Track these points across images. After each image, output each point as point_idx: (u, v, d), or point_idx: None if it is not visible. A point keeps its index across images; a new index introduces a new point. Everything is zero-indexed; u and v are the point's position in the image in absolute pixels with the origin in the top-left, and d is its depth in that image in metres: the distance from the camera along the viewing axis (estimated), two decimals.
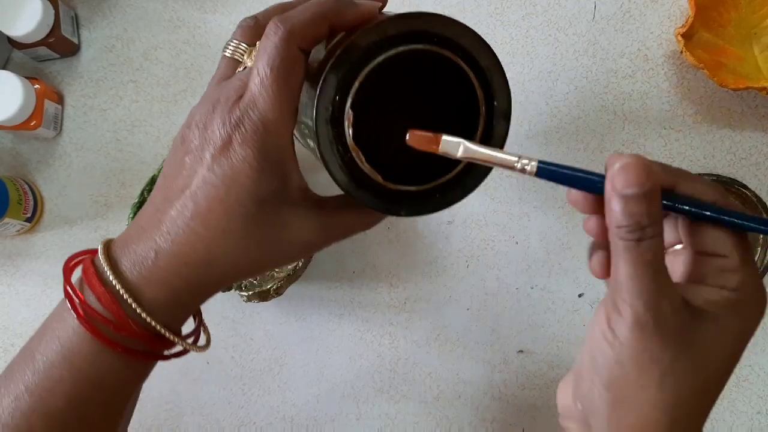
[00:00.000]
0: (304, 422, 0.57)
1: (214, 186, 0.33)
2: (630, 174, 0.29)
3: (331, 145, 0.37)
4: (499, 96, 0.38)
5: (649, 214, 0.29)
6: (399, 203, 0.38)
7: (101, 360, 0.34)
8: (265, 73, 0.33)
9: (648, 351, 0.30)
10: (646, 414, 0.31)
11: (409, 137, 0.35)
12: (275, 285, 0.54)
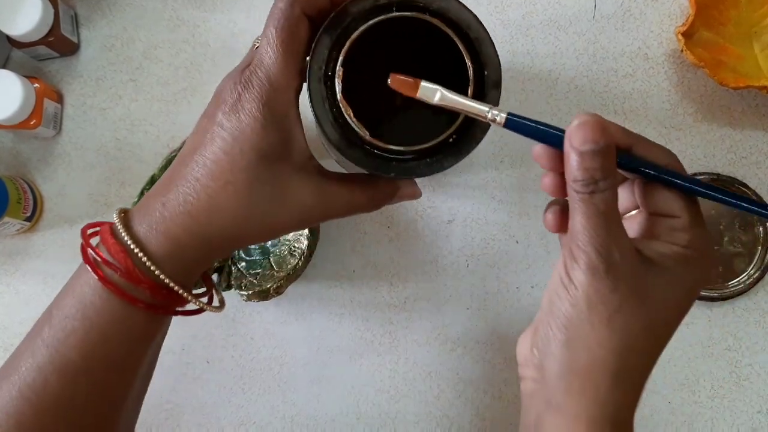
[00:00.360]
0: (304, 421, 0.57)
1: (222, 139, 0.35)
2: (586, 131, 0.31)
3: (323, 102, 0.39)
4: (490, 66, 0.40)
5: (603, 169, 0.32)
6: (389, 164, 0.39)
7: (111, 310, 0.36)
8: (271, 34, 0.35)
9: (599, 293, 0.32)
10: (596, 353, 0.33)
11: (391, 80, 0.38)
12: (275, 284, 0.54)
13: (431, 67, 0.44)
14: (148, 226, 0.36)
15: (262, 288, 0.54)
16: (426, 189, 0.59)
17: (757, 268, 0.55)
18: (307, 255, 0.55)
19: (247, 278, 0.56)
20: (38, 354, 0.36)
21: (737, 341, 0.56)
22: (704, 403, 0.56)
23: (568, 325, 0.33)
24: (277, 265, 0.56)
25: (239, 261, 0.57)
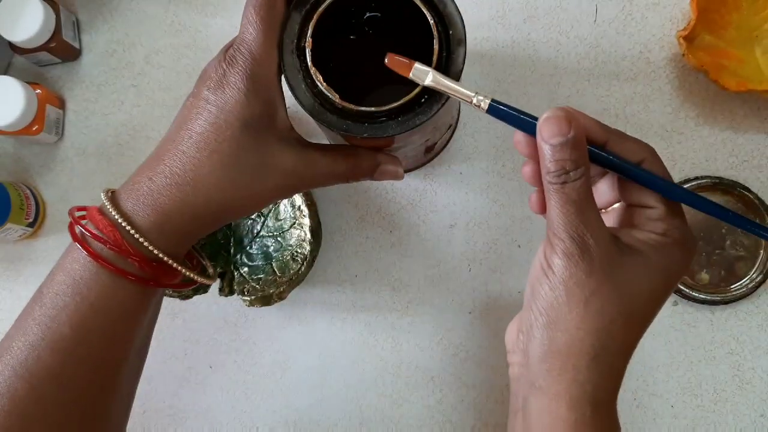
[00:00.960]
0: (306, 426, 0.57)
1: (208, 111, 0.37)
2: (554, 124, 0.33)
3: (297, 73, 0.42)
4: (454, 25, 0.43)
5: (572, 160, 0.33)
6: (361, 125, 0.43)
7: (102, 284, 0.37)
8: (250, 13, 0.39)
9: (574, 277, 0.34)
10: (573, 334, 0.34)
11: (388, 60, 0.41)
12: (278, 290, 0.54)
13: (399, 31, 0.49)
14: (135, 201, 0.37)
15: (265, 293, 0.54)
16: (427, 193, 0.59)
17: (759, 272, 0.55)
18: (309, 260, 0.55)
19: (250, 283, 0.56)
20: (30, 333, 0.37)
21: (740, 345, 0.56)
22: (707, 407, 0.56)
23: (549, 309, 0.34)
24: (279, 271, 0.56)
25: (241, 266, 0.57)
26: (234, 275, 0.57)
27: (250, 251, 0.57)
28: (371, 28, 0.52)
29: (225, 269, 0.56)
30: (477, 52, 0.59)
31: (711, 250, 0.56)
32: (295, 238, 0.56)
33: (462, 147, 0.59)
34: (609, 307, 0.34)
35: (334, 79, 0.43)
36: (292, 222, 0.56)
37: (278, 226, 0.57)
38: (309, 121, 0.46)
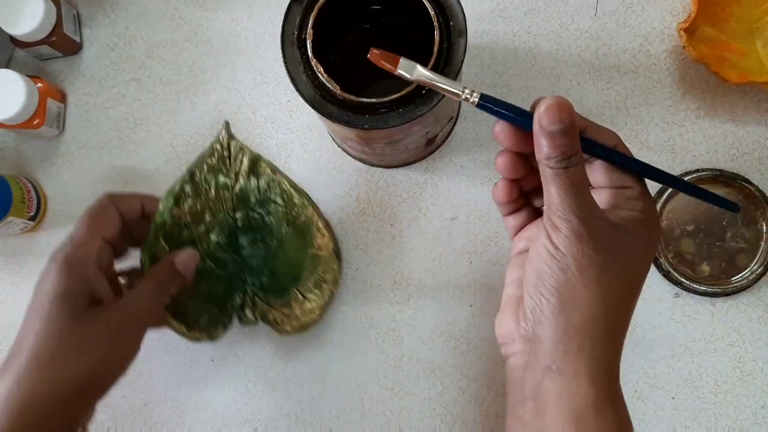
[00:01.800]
0: (308, 419, 0.57)
1: (31, 301, 0.44)
2: (555, 113, 0.35)
3: (297, 64, 0.44)
4: (454, 16, 0.44)
5: (572, 146, 0.35)
6: (362, 116, 0.44)
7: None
8: (83, 214, 0.47)
9: (586, 256, 0.35)
10: (588, 312, 0.35)
11: (371, 55, 0.40)
12: (312, 315, 0.54)
13: (400, 23, 0.49)
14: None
15: (300, 321, 0.54)
16: (428, 185, 0.59)
17: (760, 264, 0.55)
18: (337, 280, 0.55)
19: (279, 310, 0.55)
20: None
21: (740, 337, 0.56)
22: (708, 399, 0.56)
23: (561, 290, 0.35)
24: (308, 294, 0.55)
25: (260, 293, 0.55)
26: (255, 303, 0.55)
27: (270, 278, 0.55)
28: (372, 20, 0.52)
29: (243, 300, 0.55)
30: (478, 45, 0.59)
31: (712, 242, 0.56)
32: (319, 261, 0.54)
33: (463, 140, 0.59)
34: (615, 281, 0.36)
35: (335, 70, 0.43)
36: (311, 245, 0.54)
37: (296, 250, 0.55)
38: (310, 114, 0.46)
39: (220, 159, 0.53)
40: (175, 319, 0.50)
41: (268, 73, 0.61)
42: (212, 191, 0.53)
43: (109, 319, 0.43)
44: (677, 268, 0.56)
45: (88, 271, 0.44)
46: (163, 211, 0.50)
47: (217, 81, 0.61)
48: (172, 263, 0.48)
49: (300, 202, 0.54)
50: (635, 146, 0.58)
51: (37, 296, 0.43)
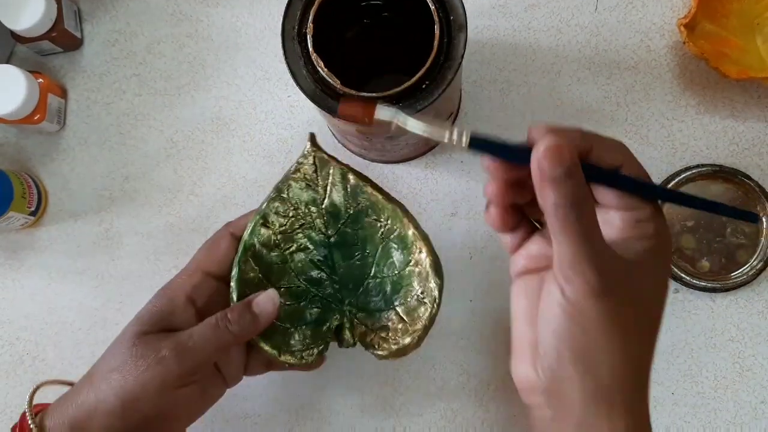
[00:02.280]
0: (308, 414, 0.57)
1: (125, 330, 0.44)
2: (556, 155, 0.31)
3: (298, 59, 0.44)
4: (455, 10, 0.44)
5: (579, 188, 0.32)
6: None
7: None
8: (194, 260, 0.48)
9: (606, 311, 0.32)
10: (616, 367, 0.33)
11: (340, 109, 0.40)
12: (413, 339, 0.47)
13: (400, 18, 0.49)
14: (54, 421, 0.42)
15: (400, 346, 0.47)
16: (428, 181, 0.59)
17: (760, 259, 0.55)
18: (439, 301, 0.48)
19: (377, 334, 0.49)
20: None
21: (740, 332, 0.56)
22: (707, 394, 0.56)
23: (584, 351, 0.33)
24: (407, 317, 0.48)
25: (358, 313, 0.49)
26: (353, 324, 0.49)
27: (367, 298, 0.49)
28: (373, 15, 0.52)
29: (341, 322, 0.49)
30: (478, 40, 0.59)
31: (712, 238, 0.56)
32: (417, 278, 0.48)
33: None
34: (642, 330, 0.34)
35: (335, 65, 0.43)
36: (408, 261, 0.48)
37: (392, 266, 0.49)
38: (311, 110, 0.46)
39: (307, 173, 0.48)
40: (267, 342, 0.46)
41: (268, 69, 0.61)
42: (302, 208, 0.48)
43: (160, 348, 0.42)
44: (677, 263, 0.56)
45: (176, 303, 0.44)
46: (251, 230, 0.47)
47: (217, 77, 0.61)
48: (248, 304, 0.44)
49: (394, 215, 0.48)
50: (635, 142, 0.58)
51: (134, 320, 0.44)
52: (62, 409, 0.42)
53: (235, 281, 0.46)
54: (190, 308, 0.45)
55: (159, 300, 0.44)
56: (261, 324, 0.44)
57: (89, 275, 0.60)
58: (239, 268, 0.46)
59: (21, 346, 0.60)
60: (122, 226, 0.60)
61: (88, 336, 0.59)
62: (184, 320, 0.44)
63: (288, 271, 0.48)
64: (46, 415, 0.43)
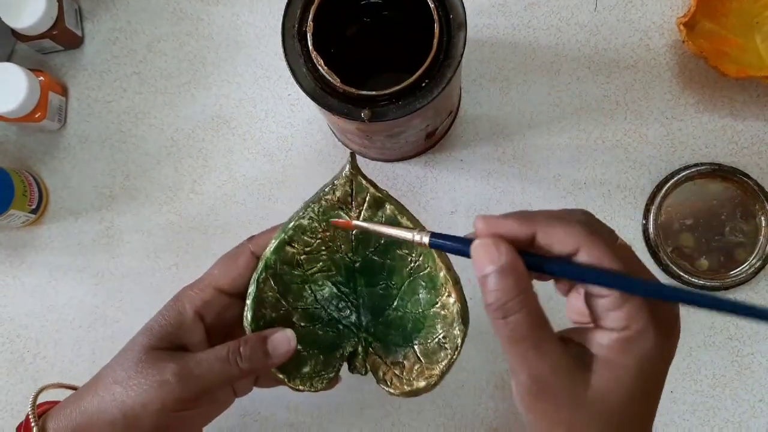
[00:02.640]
0: (308, 410, 0.58)
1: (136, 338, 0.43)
2: (483, 255, 0.31)
3: (298, 57, 0.44)
4: (454, 9, 0.44)
5: (508, 289, 0.30)
6: (361, 109, 0.43)
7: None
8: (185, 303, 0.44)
9: (545, 413, 0.31)
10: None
11: None
12: (429, 382, 0.45)
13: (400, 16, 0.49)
14: (57, 425, 0.42)
15: (413, 388, 0.45)
16: (428, 179, 0.59)
17: (758, 258, 0.56)
18: (460, 349, 0.45)
19: (390, 369, 0.46)
20: None
21: (739, 330, 0.56)
22: (706, 392, 0.56)
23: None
24: (424, 357, 0.45)
25: (373, 344, 0.47)
26: (368, 353, 0.47)
27: (386, 329, 0.47)
28: (373, 14, 0.52)
29: (355, 348, 0.47)
30: (478, 39, 0.59)
31: (711, 236, 0.57)
32: (441, 321, 0.45)
33: (463, 133, 0.59)
34: (600, 426, 0.31)
35: (335, 63, 0.44)
36: (434, 302, 0.45)
37: (417, 304, 0.46)
38: (311, 108, 0.46)
39: (342, 197, 0.45)
40: (276, 367, 0.44)
41: (268, 67, 0.61)
42: (331, 230, 0.45)
43: (164, 370, 0.41)
44: (676, 262, 0.56)
45: (185, 318, 0.43)
46: (275, 248, 0.44)
47: (218, 75, 0.61)
48: (264, 341, 0.42)
49: (428, 252, 0.45)
50: (634, 140, 0.58)
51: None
52: (65, 413, 0.42)
53: (252, 299, 0.43)
54: (199, 324, 0.43)
55: (168, 313, 0.43)
56: (273, 363, 0.42)
57: (90, 273, 0.60)
58: (257, 287, 0.44)
59: (21, 344, 0.60)
60: (123, 224, 0.60)
61: (88, 333, 0.59)
62: (193, 337, 0.43)
63: (307, 291, 0.46)
64: (50, 418, 0.43)
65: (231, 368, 0.41)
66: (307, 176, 0.59)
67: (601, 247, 0.31)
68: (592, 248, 0.31)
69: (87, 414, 0.41)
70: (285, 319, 0.45)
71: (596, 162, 0.58)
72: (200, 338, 0.43)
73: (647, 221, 0.57)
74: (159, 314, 0.44)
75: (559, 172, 0.58)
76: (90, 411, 0.41)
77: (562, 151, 0.58)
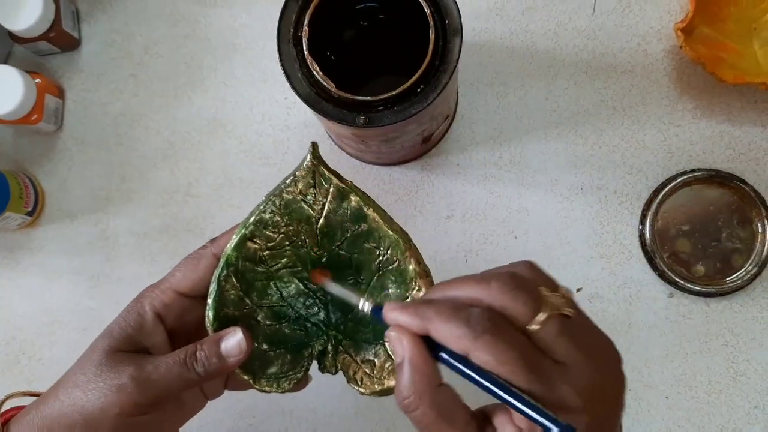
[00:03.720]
0: (303, 415, 0.58)
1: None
2: (392, 347, 0.32)
3: (293, 62, 0.45)
4: (450, 15, 0.44)
5: (405, 387, 0.31)
6: (356, 115, 0.44)
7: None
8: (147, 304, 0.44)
9: None
10: None
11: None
12: None
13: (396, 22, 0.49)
14: (22, 428, 0.41)
15: (384, 387, 0.44)
16: (424, 184, 0.59)
17: (755, 264, 0.55)
18: None
19: (360, 367, 0.45)
20: None
21: (735, 337, 0.56)
22: (701, 398, 0.56)
23: None
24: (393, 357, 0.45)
25: (344, 341, 0.46)
26: (337, 351, 0.46)
27: (355, 326, 0.46)
28: (368, 18, 0.52)
29: (324, 347, 0.46)
30: (475, 43, 0.59)
31: (707, 242, 0.57)
32: None
33: (459, 138, 0.59)
34: None
35: (330, 68, 0.44)
36: (404, 297, 0.43)
37: (386, 299, 0.44)
38: (307, 111, 0.46)
39: (304, 189, 0.43)
40: (242, 368, 0.43)
41: (265, 70, 0.61)
42: (293, 225, 0.44)
43: (122, 373, 0.40)
44: (672, 267, 0.56)
45: (145, 320, 0.42)
46: (235, 244, 0.43)
47: (214, 77, 0.61)
48: (218, 343, 0.41)
49: (396, 245, 0.43)
50: (632, 146, 0.58)
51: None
52: (28, 419, 0.42)
53: (213, 299, 0.42)
54: (160, 327, 0.43)
55: (129, 315, 0.43)
56: (229, 367, 0.41)
57: (85, 275, 0.60)
58: (218, 285, 0.42)
59: (17, 346, 0.60)
60: (118, 227, 0.60)
61: (83, 336, 0.59)
62: (154, 339, 0.43)
63: (272, 288, 0.44)
64: (13, 423, 0.42)
65: (189, 372, 0.40)
66: None
67: (488, 350, 0.30)
68: (479, 352, 0.30)
69: (48, 419, 0.41)
70: (249, 318, 0.44)
71: (593, 167, 0.58)
72: (161, 340, 0.43)
73: (644, 227, 0.57)
74: (119, 316, 0.43)
75: (555, 177, 0.58)
76: (51, 416, 0.41)
77: (558, 156, 0.58)
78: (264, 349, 0.43)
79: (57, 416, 0.41)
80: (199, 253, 0.44)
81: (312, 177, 0.42)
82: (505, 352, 0.30)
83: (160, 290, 0.43)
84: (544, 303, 0.32)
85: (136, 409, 0.40)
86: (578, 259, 0.57)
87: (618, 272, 0.57)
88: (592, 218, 0.58)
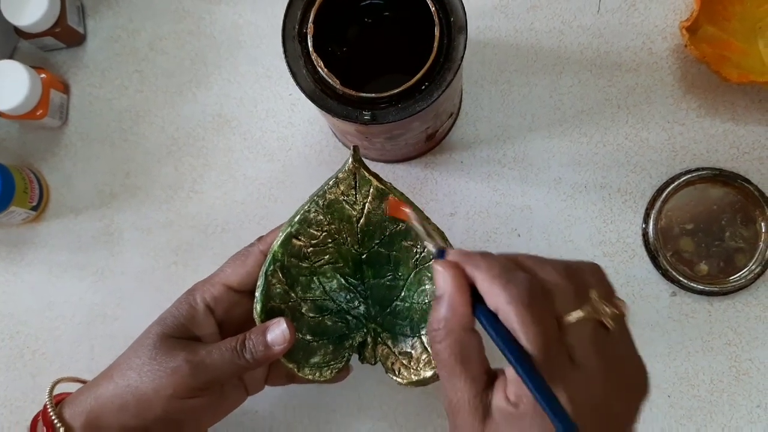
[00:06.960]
0: (306, 411, 0.58)
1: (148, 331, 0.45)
2: (437, 278, 0.34)
3: (298, 59, 0.44)
4: (455, 12, 0.44)
5: (438, 319, 0.34)
6: (360, 111, 0.44)
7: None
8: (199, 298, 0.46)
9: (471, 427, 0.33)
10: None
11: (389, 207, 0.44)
12: (435, 373, 0.45)
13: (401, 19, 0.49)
14: (73, 411, 0.43)
15: (420, 378, 0.46)
16: (428, 181, 0.59)
17: (758, 264, 0.55)
18: None
19: (398, 359, 0.47)
20: None
21: (737, 336, 0.56)
22: (703, 397, 0.56)
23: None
24: (429, 349, 0.46)
25: (382, 333, 0.48)
26: (377, 342, 0.48)
27: (393, 320, 0.48)
28: (373, 15, 0.52)
29: (365, 338, 0.48)
30: (480, 41, 0.59)
31: (710, 242, 0.57)
32: None
33: (463, 135, 0.59)
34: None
35: (335, 65, 0.44)
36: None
37: (423, 295, 0.47)
38: (311, 108, 0.46)
39: (345, 190, 0.45)
40: (287, 356, 0.45)
41: (269, 67, 0.61)
42: (336, 224, 0.46)
43: (177, 357, 0.42)
44: (675, 266, 0.56)
45: (196, 311, 0.45)
46: (282, 241, 0.45)
47: (219, 74, 0.61)
48: (265, 332, 0.43)
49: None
50: (636, 144, 0.58)
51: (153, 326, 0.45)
52: (81, 400, 0.43)
53: (260, 292, 0.45)
54: (210, 318, 0.45)
55: (181, 305, 0.45)
56: (274, 355, 0.43)
57: (89, 270, 0.60)
58: (266, 279, 0.45)
59: (21, 340, 0.60)
60: (123, 222, 0.60)
61: (87, 330, 0.59)
62: (205, 329, 0.45)
63: (315, 283, 0.47)
64: (66, 405, 0.44)
65: (239, 359, 0.43)
66: (307, 176, 0.59)
67: (521, 313, 0.31)
68: (511, 313, 0.31)
69: (101, 399, 0.43)
70: (294, 310, 0.46)
71: (597, 165, 0.58)
72: (211, 330, 0.45)
73: (647, 225, 0.57)
74: (172, 306, 0.45)
75: (559, 175, 0.58)
76: (104, 396, 0.43)
77: (562, 154, 0.58)
78: (308, 340, 0.46)
79: (110, 397, 0.42)
80: (247, 251, 0.46)
81: (353, 178, 0.45)
82: (528, 325, 0.31)
83: (211, 284, 0.46)
84: (588, 304, 0.33)
85: (188, 392, 0.42)
86: (581, 257, 0.57)
87: (621, 270, 0.57)
88: (595, 216, 0.58)
